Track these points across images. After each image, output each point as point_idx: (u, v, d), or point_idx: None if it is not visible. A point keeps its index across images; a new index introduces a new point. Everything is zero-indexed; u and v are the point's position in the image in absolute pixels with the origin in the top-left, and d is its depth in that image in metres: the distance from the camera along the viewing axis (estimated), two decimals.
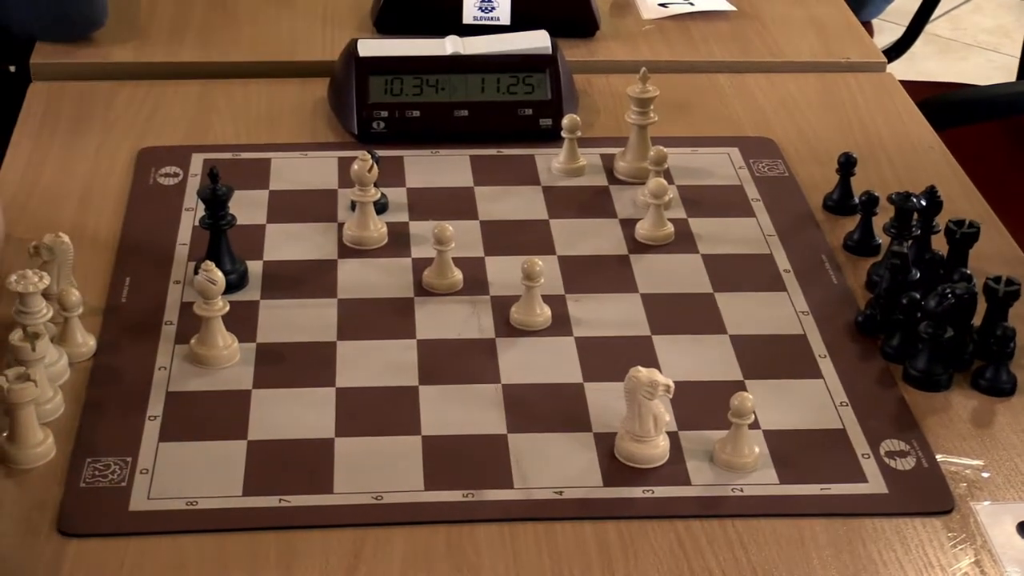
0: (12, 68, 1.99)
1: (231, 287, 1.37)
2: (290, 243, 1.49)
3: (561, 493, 1.19)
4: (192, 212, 1.52)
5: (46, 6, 1.82)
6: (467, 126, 1.68)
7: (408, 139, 1.67)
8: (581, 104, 1.74)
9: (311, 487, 1.18)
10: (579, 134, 1.62)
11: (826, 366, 1.33)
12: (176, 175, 1.59)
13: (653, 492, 1.19)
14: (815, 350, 1.36)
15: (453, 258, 1.42)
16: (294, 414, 1.26)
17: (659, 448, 1.22)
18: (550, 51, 1.73)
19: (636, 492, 1.19)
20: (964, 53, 4.31)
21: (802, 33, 1.96)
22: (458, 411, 1.27)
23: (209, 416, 1.26)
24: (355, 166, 1.46)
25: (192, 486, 1.18)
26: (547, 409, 1.27)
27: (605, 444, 1.23)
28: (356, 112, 1.67)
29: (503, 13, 1.88)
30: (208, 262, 1.31)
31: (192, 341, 1.32)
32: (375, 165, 1.47)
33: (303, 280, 1.43)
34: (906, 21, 2.96)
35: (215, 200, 1.40)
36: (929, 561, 1.13)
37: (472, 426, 1.25)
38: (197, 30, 1.91)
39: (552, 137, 1.66)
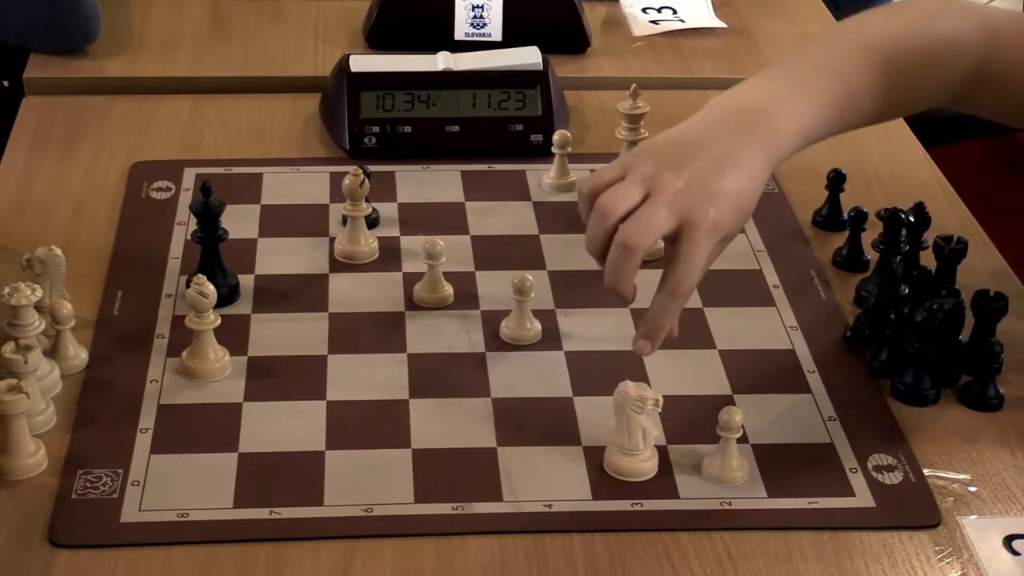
0: (6, 83, 2.00)
1: (223, 301, 1.37)
2: (281, 257, 1.49)
3: (550, 506, 1.19)
4: (184, 226, 1.53)
5: (39, 19, 1.83)
6: (458, 141, 1.69)
7: (399, 154, 1.67)
8: (572, 120, 1.75)
9: (301, 499, 1.18)
10: (570, 150, 1.62)
11: (814, 381, 1.34)
12: (168, 189, 1.60)
13: (642, 505, 1.19)
14: (804, 365, 1.36)
15: (444, 273, 1.43)
16: (285, 427, 1.26)
17: (648, 462, 1.22)
18: (541, 67, 1.74)
19: (625, 505, 1.19)
20: None
21: (791, 49, 1.96)
22: (448, 424, 1.27)
23: (200, 429, 1.26)
24: (346, 181, 1.47)
25: (183, 498, 1.18)
26: (537, 423, 1.28)
27: (594, 458, 1.23)
28: (348, 127, 1.67)
29: (494, 29, 1.89)
30: (200, 276, 1.32)
31: (184, 354, 1.32)
32: (366, 180, 1.47)
33: (294, 294, 1.44)
34: None
35: (207, 214, 1.40)
36: (916, 575, 1.14)
37: (462, 439, 1.26)
38: (189, 45, 1.92)
39: (543, 153, 1.66)
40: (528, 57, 1.76)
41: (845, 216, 1.54)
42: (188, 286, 1.31)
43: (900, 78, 1.31)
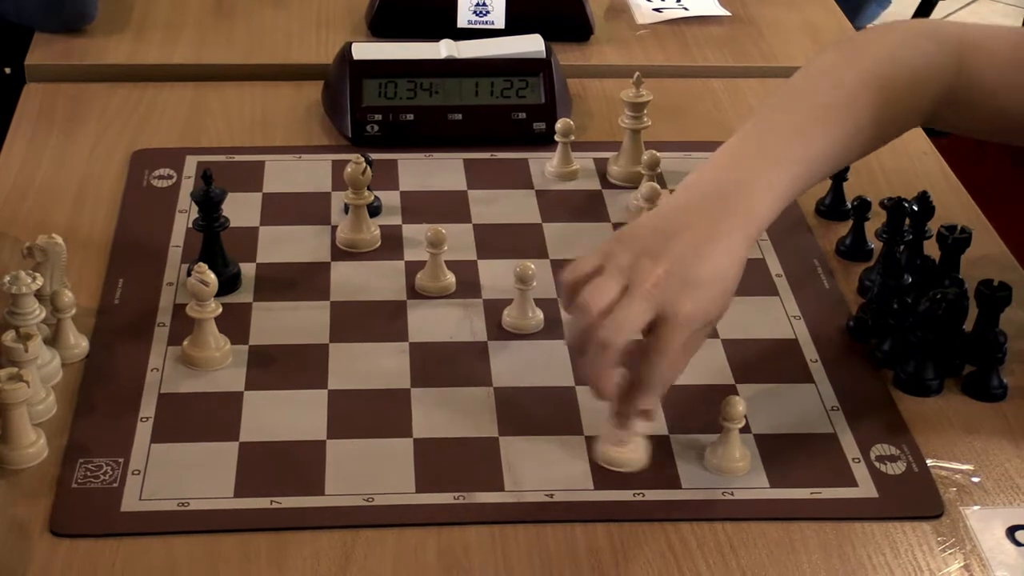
0: (8, 70, 1.99)
1: (224, 289, 1.37)
2: (283, 245, 1.49)
3: (552, 496, 1.19)
4: (185, 214, 1.52)
5: None
6: (461, 129, 1.68)
7: (402, 142, 1.67)
8: (575, 108, 1.75)
9: (302, 488, 1.18)
10: (573, 138, 1.62)
11: (817, 370, 1.34)
12: (170, 177, 1.59)
13: (643, 495, 1.19)
14: (806, 355, 1.36)
15: (446, 261, 1.43)
16: (286, 416, 1.26)
17: (638, 452, 1.21)
18: (544, 55, 1.73)
19: (627, 495, 1.19)
20: None
21: (796, 38, 1.96)
22: (450, 414, 1.27)
23: (201, 418, 1.26)
24: (348, 169, 1.47)
25: (184, 487, 1.18)
26: (539, 412, 1.28)
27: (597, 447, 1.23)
28: (350, 115, 1.67)
29: (497, 17, 1.88)
30: (201, 264, 1.31)
31: (185, 343, 1.32)
32: (368, 168, 1.47)
33: (296, 282, 1.44)
34: None
35: (208, 202, 1.40)
36: (919, 565, 1.14)
37: (464, 429, 1.25)
38: (191, 32, 1.92)
39: (546, 141, 1.66)
40: (531, 45, 1.75)
41: (848, 205, 1.54)
42: (189, 274, 1.31)
43: (882, 118, 1.29)
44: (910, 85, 1.31)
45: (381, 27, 1.91)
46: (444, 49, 1.73)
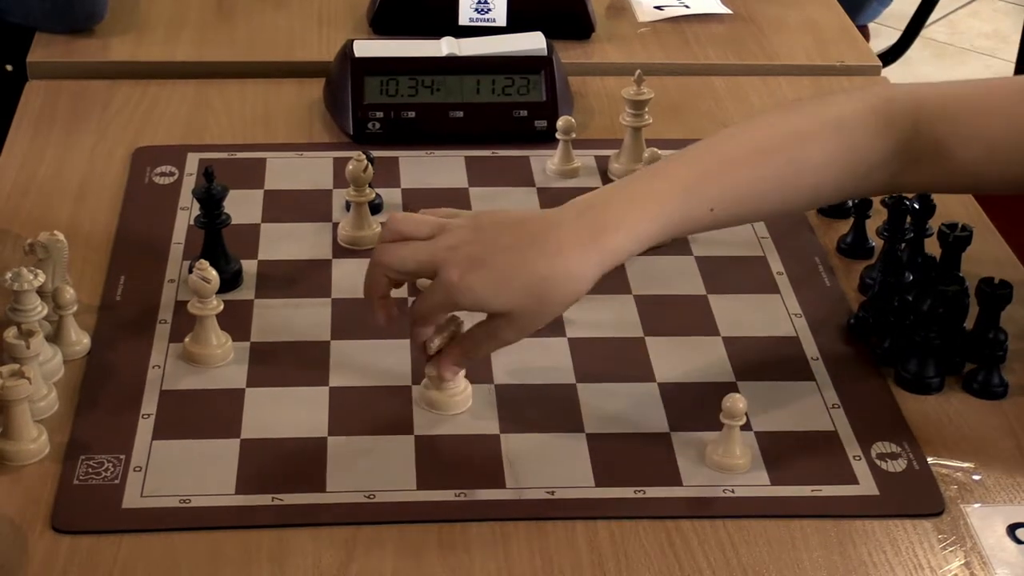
0: (9, 67, 1.99)
1: (225, 286, 1.37)
2: (285, 242, 1.49)
3: (553, 493, 1.19)
4: (187, 211, 1.52)
5: None
6: (462, 127, 1.68)
7: (403, 140, 1.67)
8: (576, 106, 1.75)
9: (303, 485, 1.18)
10: (574, 136, 1.62)
11: (818, 368, 1.34)
12: (171, 174, 1.60)
13: (644, 492, 1.19)
14: (807, 352, 1.36)
15: None
16: (287, 413, 1.26)
17: (460, 395, 1.26)
18: (545, 53, 1.73)
19: (627, 492, 1.19)
20: (961, 58, 4.32)
21: (797, 36, 1.96)
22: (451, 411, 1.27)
23: (203, 414, 1.26)
24: (350, 166, 1.47)
25: (185, 484, 1.18)
26: (540, 409, 1.28)
27: (598, 445, 1.23)
28: (352, 112, 1.67)
29: (499, 15, 1.88)
30: (203, 261, 1.31)
31: (186, 340, 1.32)
32: (370, 165, 1.47)
33: (297, 279, 1.44)
34: (903, 25, 2.96)
35: (210, 199, 1.40)
36: (919, 563, 1.14)
37: (464, 426, 1.26)
38: (193, 29, 1.92)
39: (547, 138, 1.66)
40: (532, 43, 1.75)
41: (850, 203, 1.54)
42: (191, 271, 1.31)
43: (784, 181, 1.28)
44: (834, 153, 1.28)
45: (382, 25, 1.91)
46: (445, 47, 1.73)
